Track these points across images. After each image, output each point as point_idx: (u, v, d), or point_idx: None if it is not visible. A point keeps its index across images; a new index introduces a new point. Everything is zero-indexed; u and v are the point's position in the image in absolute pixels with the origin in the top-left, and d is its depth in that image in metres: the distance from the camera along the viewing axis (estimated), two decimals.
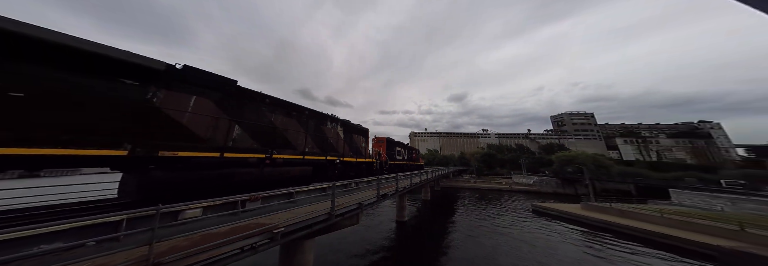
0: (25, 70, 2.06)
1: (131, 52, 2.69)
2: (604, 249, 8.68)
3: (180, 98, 3.11)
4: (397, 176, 6.62)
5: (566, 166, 29.99)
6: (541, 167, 37.07)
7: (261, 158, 4.16)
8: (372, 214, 14.23)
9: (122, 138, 2.59)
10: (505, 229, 11.15)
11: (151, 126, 2.84)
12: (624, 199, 17.09)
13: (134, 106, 2.71)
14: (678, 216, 10.73)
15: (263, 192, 3.68)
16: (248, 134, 4.02)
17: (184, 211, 2.70)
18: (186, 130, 3.17)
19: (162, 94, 2.93)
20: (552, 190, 27.99)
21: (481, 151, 49.98)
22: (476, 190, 28.80)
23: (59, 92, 2.22)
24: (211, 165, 3.49)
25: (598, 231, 11.20)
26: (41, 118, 2.13)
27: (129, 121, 2.67)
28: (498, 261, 7.39)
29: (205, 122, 3.39)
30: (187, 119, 3.18)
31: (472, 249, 8.74)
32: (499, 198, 22.42)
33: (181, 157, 3.08)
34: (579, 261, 7.41)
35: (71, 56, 2.29)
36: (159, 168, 2.94)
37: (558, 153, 36.05)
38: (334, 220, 3.78)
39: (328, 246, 8.67)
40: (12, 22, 1.99)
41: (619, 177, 27.67)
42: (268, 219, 3.12)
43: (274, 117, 4.63)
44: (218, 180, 3.55)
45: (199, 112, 3.33)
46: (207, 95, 3.43)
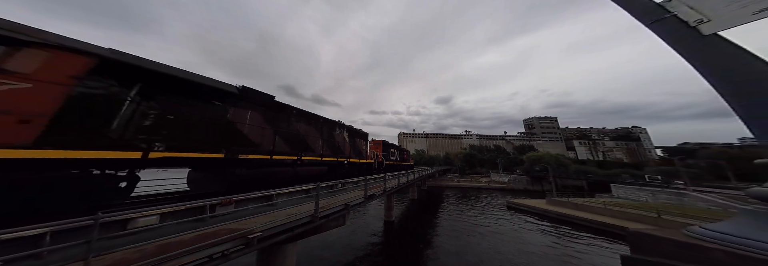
0: (173, 100, 3.05)
1: (216, 79, 3.63)
2: (562, 240, 9.81)
3: (243, 113, 4.05)
4: (384, 176, 6.52)
5: (535, 165, 32.65)
6: (515, 166, 39.57)
7: (294, 159, 5.19)
8: (360, 214, 14.08)
9: (220, 145, 3.59)
10: (484, 227, 11.95)
11: (231, 136, 3.81)
12: (578, 194, 19.44)
13: (221, 121, 3.70)
14: (616, 207, 12.45)
15: (237, 195, 3.44)
16: (284, 140, 4.98)
17: (136, 219, 2.35)
18: (248, 138, 4.10)
19: (232, 111, 3.88)
20: (523, 187, 30.47)
21: (464, 152, 51.91)
22: (459, 189, 29.89)
23: (190, 114, 3.24)
24: (265, 164, 4.45)
25: (559, 223, 12.49)
26: (183, 132, 3.12)
27: (221, 132, 3.66)
28: (478, 255, 7.97)
29: (257, 131, 4.32)
30: (247, 129, 4.10)
31: (456, 245, 9.16)
32: (479, 196, 23.58)
33: (251, 159, 4.06)
34: (545, 253, 8.34)
35: (193, 88, 3.31)
36: (240, 166, 3.99)
37: (528, 153, 39.15)
38: (319, 222, 3.63)
39: (314, 248, 8.47)
40: (168, 67, 2.98)
41: (575, 174, 31.16)
42: (242, 224, 2.87)
43: (299, 125, 5.62)
44: (268, 177, 4.50)
45: (254, 124, 4.28)
46: (256, 109, 4.37)
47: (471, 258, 7.79)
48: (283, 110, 5.09)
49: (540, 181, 30.31)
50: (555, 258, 8.06)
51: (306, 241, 4.92)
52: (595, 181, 27.56)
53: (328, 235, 8.64)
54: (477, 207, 17.96)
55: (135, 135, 2.60)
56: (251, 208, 3.48)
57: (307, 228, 3.48)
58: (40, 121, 1.93)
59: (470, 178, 37.31)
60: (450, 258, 7.90)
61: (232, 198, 3.27)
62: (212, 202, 3.00)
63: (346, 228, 10.49)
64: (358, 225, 12.10)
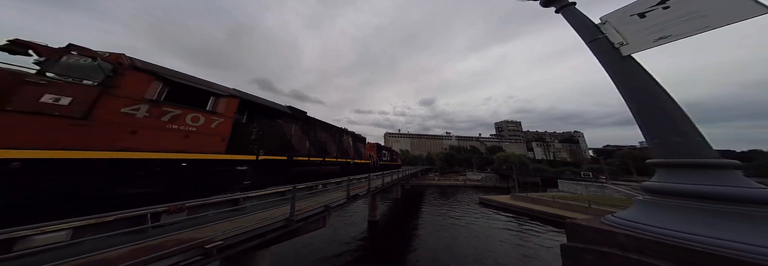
0: (262, 121, 4.46)
1: (279, 104, 5.16)
2: (523, 230, 11.07)
3: (291, 127, 5.42)
4: (369, 176, 6.44)
5: (502, 165, 36.16)
6: (487, 165, 43.07)
7: (320, 160, 6.58)
8: (348, 214, 13.73)
9: (284, 151, 4.91)
10: (460, 220, 12.83)
11: (288, 144, 5.13)
12: (535, 189, 22.44)
13: (283, 134, 5.05)
14: (561, 200, 14.64)
15: (192, 201, 2.73)
16: (313, 146, 6.36)
17: (29, 237, 1.66)
18: (295, 145, 5.43)
19: (286, 126, 5.21)
20: (493, 184, 32.92)
21: (444, 152, 54.32)
22: (439, 187, 31.19)
23: (270, 130, 4.58)
24: (306, 164, 5.84)
25: (520, 215, 13.92)
26: (269, 142, 4.45)
27: (284, 142, 4.98)
28: (456, 249, 8.56)
29: (299, 140, 5.67)
30: (294, 139, 5.44)
31: (436, 240, 9.54)
32: (456, 193, 25.01)
33: (299, 160, 5.45)
34: (508, 240, 9.46)
35: (269, 111, 4.69)
36: (294, 166, 5.27)
37: (498, 153, 43.17)
38: (295, 226, 3.25)
39: (293, 251, 8.03)
40: (258, 98, 4.44)
41: (533, 172, 35.29)
42: (199, 232, 2.34)
43: (321, 134, 7.05)
44: (309, 173, 5.88)
45: (297, 134, 5.62)
46: (297, 123, 5.73)
47: (447, 253, 8.17)
48: (311, 122, 6.55)
49: (506, 179, 33.03)
50: (515, 245, 9.09)
51: (284, 243, 4.67)
52: (547, 178, 31.43)
53: (309, 237, 8.46)
54: (454, 204, 18.87)
55: (252, 146, 4.05)
56: (212, 214, 2.95)
57: (281, 233, 3.07)
58: (226, 139, 3.37)
59: (449, 177, 39.11)
60: (430, 253, 8.18)
61: (185, 205, 2.62)
62: (154, 210, 2.41)
63: (329, 229, 10.47)
64: (341, 226, 11.75)
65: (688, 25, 1.04)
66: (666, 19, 1.10)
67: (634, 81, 1.08)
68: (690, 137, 0.90)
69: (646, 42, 1.11)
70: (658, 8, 1.13)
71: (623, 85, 1.12)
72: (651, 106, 1.02)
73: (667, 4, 1.11)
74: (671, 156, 0.93)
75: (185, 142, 2.95)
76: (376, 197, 12.74)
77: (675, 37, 1.06)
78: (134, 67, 2.61)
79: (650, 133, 1.00)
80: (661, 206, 0.88)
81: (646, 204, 0.92)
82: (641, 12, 1.17)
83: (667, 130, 0.95)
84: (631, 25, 1.18)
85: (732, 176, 0.80)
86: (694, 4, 1.05)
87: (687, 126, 0.92)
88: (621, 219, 0.90)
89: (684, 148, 0.90)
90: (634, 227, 0.85)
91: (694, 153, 0.88)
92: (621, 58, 1.15)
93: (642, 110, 1.03)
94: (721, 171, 0.82)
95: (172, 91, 2.90)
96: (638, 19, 1.19)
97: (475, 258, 8.03)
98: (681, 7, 1.08)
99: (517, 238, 10.17)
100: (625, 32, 1.19)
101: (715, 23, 0.95)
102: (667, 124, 0.95)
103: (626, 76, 1.12)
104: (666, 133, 0.95)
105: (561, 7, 1.38)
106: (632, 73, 1.11)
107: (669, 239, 0.75)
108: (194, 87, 3.15)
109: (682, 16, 1.06)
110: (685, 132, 0.91)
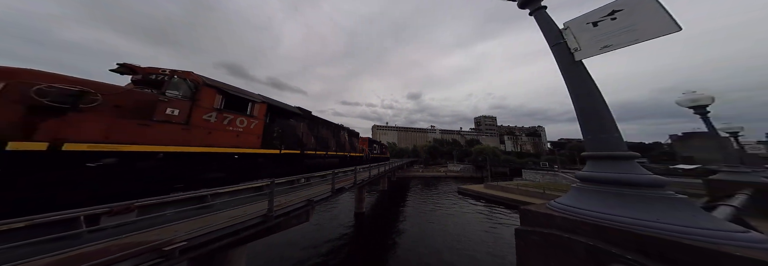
0: (281, 121, 5.31)
1: (293, 106, 6.36)
2: (493, 214, 12.48)
3: (301, 125, 6.30)
4: (355, 169, 6.33)
5: (479, 156, 39.30)
6: (465, 157, 46.18)
7: (323, 154, 7.51)
8: (332, 208, 13.90)
9: (298, 146, 5.98)
10: (441, 210, 13.83)
11: (300, 140, 6.14)
12: (504, 179, 24.78)
13: (296, 131, 6.00)
14: (524, 187, 16.52)
15: (144, 200, 2.34)
16: (317, 141, 7.23)
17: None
18: (304, 141, 6.36)
19: (297, 124, 6.12)
20: (470, 175, 35.72)
21: (428, 145, 57.10)
22: (423, 178, 32.85)
23: (286, 128, 5.51)
24: (314, 157, 6.89)
25: (492, 203, 15.48)
26: (287, 138, 5.37)
27: (296, 138, 5.99)
28: (436, 237, 9.25)
29: (306, 136, 6.57)
30: (303, 135, 6.36)
31: (419, 229, 10.17)
32: (438, 184, 26.71)
33: (307, 154, 6.45)
34: (480, 222, 10.72)
35: (285, 112, 5.59)
36: (305, 159, 6.43)
37: (475, 146, 46.96)
38: (274, 222, 3.13)
39: (274, 245, 7.93)
40: (278, 102, 5.41)
41: (504, 163, 39.27)
42: (152, 234, 2.03)
43: (323, 130, 7.93)
44: (314, 165, 6.83)
45: (305, 131, 6.48)
46: (304, 121, 6.55)
47: (429, 240, 8.88)
48: (315, 120, 7.47)
49: (481, 169, 36.26)
50: (487, 229, 10.22)
51: (264, 238, 4.61)
52: (514, 168, 35.13)
53: (292, 231, 8.37)
54: (436, 194, 20.23)
55: (276, 142, 4.89)
56: (171, 214, 2.60)
57: (258, 230, 2.93)
58: (260, 137, 4.33)
59: (432, 169, 40.96)
60: (413, 243, 8.71)
61: (134, 204, 2.25)
62: (90, 212, 1.96)
63: (315, 222, 10.56)
64: (327, 219, 11.88)
65: (625, 36, 1.18)
66: (611, 30, 1.23)
67: (581, 85, 1.22)
68: (611, 134, 1.08)
69: (594, 49, 1.24)
70: (608, 19, 1.24)
71: (572, 88, 1.26)
72: (590, 107, 1.17)
73: (615, 16, 1.23)
74: (596, 150, 1.11)
75: (237, 140, 3.91)
76: (363, 189, 12.97)
77: (614, 46, 1.20)
78: (206, 84, 3.50)
79: (585, 130, 1.16)
80: (587, 192, 1.06)
81: (578, 190, 1.10)
82: (595, 21, 1.28)
83: (596, 127, 1.11)
84: (586, 32, 1.29)
85: (632, 165, 0.98)
86: (631, 19, 1.18)
87: (610, 124, 1.09)
88: (559, 203, 1.06)
89: (606, 143, 1.08)
90: (568, 210, 1.01)
91: (612, 147, 1.06)
92: (574, 63, 1.27)
93: (582, 111, 1.18)
94: (626, 162, 1.02)
95: (227, 101, 3.82)
96: (592, 28, 1.30)
97: (453, 243, 8.85)
98: (624, 20, 1.20)
99: (489, 222, 11.44)
100: (580, 39, 1.31)
101: (643, 37, 1.11)
102: (597, 123, 1.12)
103: (575, 80, 1.25)
104: (595, 130, 1.11)
105: (534, 10, 1.43)
106: (581, 77, 1.24)
107: (590, 219, 0.92)
108: (240, 97, 4.09)
109: (622, 28, 1.20)
110: (608, 129, 1.09)
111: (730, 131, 5.43)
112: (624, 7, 1.19)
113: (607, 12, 1.23)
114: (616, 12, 1.20)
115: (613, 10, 1.20)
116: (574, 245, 0.86)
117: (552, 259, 0.93)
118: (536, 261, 0.99)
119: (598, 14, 1.26)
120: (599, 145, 1.07)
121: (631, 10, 1.15)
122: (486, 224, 11.34)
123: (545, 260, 0.96)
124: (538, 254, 0.98)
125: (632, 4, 1.15)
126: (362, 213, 12.94)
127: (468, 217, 12.61)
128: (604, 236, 0.85)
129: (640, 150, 19.15)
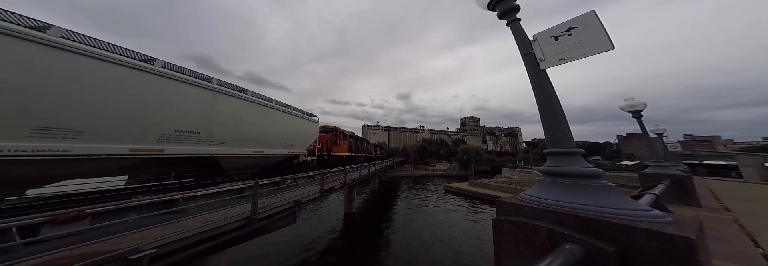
0: (349, 139, 13.80)
1: (352, 132, 15.29)
2: (476, 211, 13.37)
3: (353, 140, 14.22)
4: (345, 168, 6.30)
5: (464, 155, 41.30)
6: (452, 156, 47.89)
7: (362, 155, 15.17)
8: (321, 209, 13.51)
9: (353, 151, 13.94)
10: (429, 207, 14.41)
11: (354, 148, 14.21)
12: (486, 176, 26.67)
13: (355, 144, 14.83)
14: (503, 184, 18.41)
15: (100, 206, 2.17)
16: (358, 148, 14.95)
17: None
18: (354, 148, 14.24)
19: (350, 139, 13.57)
20: (456, 173, 37.52)
21: (418, 144, 58.33)
22: (412, 177, 33.72)
23: (353, 143, 14.14)
24: (358, 156, 14.64)
25: (475, 199, 16.49)
26: (353, 148, 13.73)
27: (356, 147, 14.62)
28: (426, 232, 9.67)
29: (355, 145, 14.40)
30: (352, 145, 13.76)
31: (409, 227, 10.47)
32: (426, 183, 27.51)
33: (357, 155, 14.75)
34: (464, 218, 11.45)
35: (351, 135, 14.28)
36: (356, 157, 14.53)
37: (461, 146, 48.71)
38: (258, 225, 2.94)
39: (259, 248, 7.56)
40: (349, 132, 14.99)
41: (486, 161, 41.95)
42: (112, 243, 1.79)
43: (357, 141, 14.93)
44: (358, 162, 13.59)
45: (356, 143, 14.66)
46: (352, 138, 14.02)
47: (418, 237, 9.20)
48: (354, 137, 13.97)
49: (466, 168, 38.17)
50: (469, 223, 10.96)
51: (240, 247, 4.21)
52: (495, 166, 37.77)
53: (278, 234, 8.02)
54: (424, 192, 20.85)
55: (351, 150, 12.93)
56: (135, 220, 2.32)
57: (240, 234, 2.75)
58: (348, 149, 12.49)
59: (421, 168, 41.79)
60: (403, 239, 8.93)
61: (85, 211, 1.99)
62: (26, 223, 1.79)
63: (304, 223, 10.26)
64: (316, 220, 11.59)
65: (577, 51, 1.38)
66: (567, 44, 1.42)
67: (544, 91, 1.39)
68: (564, 133, 1.26)
69: (554, 60, 1.42)
70: (566, 34, 1.43)
71: (538, 93, 1.42)
72: (549, 110, 1.34)
73: (571, 32, 1.42)
74: (554, 147, 1.28)
75: (345, 149, 11.71)
76: (353, 190, 12.89)
77: (569, 59, 1.40)
78: (344, 134, 12.22)
79: (546, 130, 1.34)
80: (548, 183, 1.22)
81: (542, 182, 1.26)
82: (557, 35, 1.46)
83: (554, 128, 1.29)
84: (550, 45, 1.47)
85: (578, 160, 1.18)
86: (582, 36, 1.39)
87: (564, 125, 1.28)
88: (527, 195, 1.20)
89: (560, 141, 1.25)
90: (533, 200, 1.15)
91: (565, 145, 1.24)
92: (539, 72, 1.44)
93: (544, 113, 1.35)
94: (574, 157, 1.21)
95: (345, 136, 12.40)
96: (554, 41, 1.49)
97: (442, 238, 9.25)
98: (577, 36, 1.40)
99: (473, 219, 12.25)
100: (544, 50, 1.48)
101: (588, 52, 1.31)
102: (555, 124, 1.29)
103: (540, 86, 1.43)
104: (554, 130, 1.29)
105: (510, 21, 1.58)
106: (544, 84, 1.42)
107: (548, 206, 1.06)
108: (346, 134, 12.35)
109: (576, 43, 1.39)
110: (563, 130, 1.27)
111: (657, 132, 6.55)
112: (577, 25, 1.40)
113: (565, 28, 1.43)
114: (571, 29, 1.40)
115: (569, 27, 1.40)
116: (538, 230, 0.99)
117: (521, 243, 1.05)
118: (509, 246, 1.11)
119: (559, 29, 1.45)
120: (556, 143, 1.24)
121: (582, 29, 1.36)
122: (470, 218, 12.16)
123: (516, 244, 1.08)
124: (510, 240, 1.10)
125: (584, 23, 1.37)
126: (352, 213, 12.82)
127: (454, 214, 13.17)
128: (560, 220, 0.99)
129: (595, 149, 22.68)
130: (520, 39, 1.63)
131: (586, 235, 0.86)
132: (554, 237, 0.91)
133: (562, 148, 1.18)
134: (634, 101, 3.97)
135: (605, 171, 1.14)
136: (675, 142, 9.65)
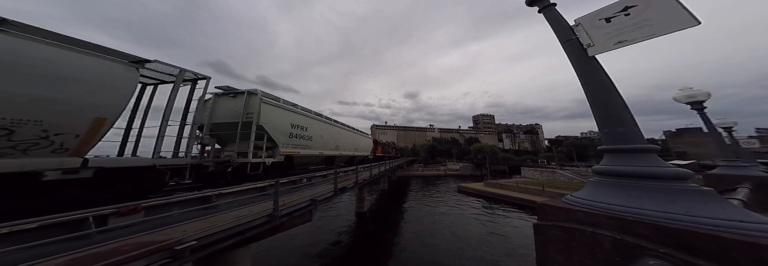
0: (377, 144, 21.16)
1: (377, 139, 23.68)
2: (494, 212, 12.59)
3: (381, 144, 22.92)
4: (356, 168, 6.46)
5: (478, 154, 39.67)
6: (464, 155, 46.44)
7: (387, 156, 23.03)
8: (334, 208, 13.87)
9: (383, 153, 22.01)
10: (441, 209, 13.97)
11: (382, 150, 22.56)
12: (503, 176, 25.20)
13: (382, 146, 23.49)
14: (523, 185, 16.58)
15: (151, 200, 2.60)
16: (383, 150, 21.87)
17: None
18: (383, 150, 22.83)
19: (378, 143, 21.33)
20: (469, 173, 36.15)
21: (427, 144, 56.66)
22: (423, 177, 33.05)
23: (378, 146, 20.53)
24: (384, 158, 21.05)
25: (491, 201, 15.64)
26: (381, 150, 22.11)
27: (381, 150, 22.14)
28: (437, 233, 9.42)
29: (382, 148, 21.98)
30: (381, 148, 21.32)
31: (420, 228, 10.25)
32: (437, 183, 26.83)
33: (384, 155, 22.30)
34: (482, 223, 10.73)
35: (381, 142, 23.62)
36: (385, 158, 21.46)
37: (474, 144, 46.99)
38: (279, 221, 3.14)
39: (277, 244, 7.92)
40: (378, 140, 25.76)
41: (502, 161, 39.56)
42: (162, 234, 2.11)
43: (383, 146, 22.93)
44: (385, 161, 17.28)
45: (381, 146, 21.69)
46: (381, 144, 22.07)
47: (430, 240, 8.91)
48: (382, 143, 21.31)
49: (480, 167, 36.61)
50: (488, 226, 10.32)
51: (260, 244, 4.58)
52: (513, 166, 35.31)
53: (294, 231, 8.42)
54: (436, 192, 20.34)
55: (383, 152, 21.68)
56: (177, 214, 2.69)
57: (264, 230, 2.96)
58: (381, 150, 20.96)
59: (432, 167, 40.86)
60: (415, 242, 8.71)
61: (141, 205, 2.42)
62: (99, 213, 2.14)
63: (317, 222, 10.46)
64: (329, 218, 11.90)
65: (640, 31, 1.18)
66: (625, 25, 1.22)
67: (596, 80, 1.21)
68: (630, 127, 1.08)
69: (608, 45, 1.24)
70: (622, 15, 1.23)
71: (587, 83, 1.25)
72: (606, 101, 1.16)
73: (629, 12, 1.22)
74: (614, 144, 1.10)
75: (380, 152, 19.80)
76: (364, 189, 13.13)
77: (629, 41, 1.20)
78: (376, 141, 18.87)
79: (602, 125, 1.16)
80: (606, 185, 1.06)
81: (595, 184, 1.09)
82: (608, 17, 1.27)
83: (614, 121, 1.11)
84: (599, 28, 1.28)
85: (652, 158, 1.00)
86: (647, 14, 1.17)
87: (629, 119, 1.09)
88: (578, 197, 1.06)
89: (625, 137, 1.08)
90: (587, 204, 1.01)
91: (631, 140, 1.06)
92: (588, 59, 1.26)
93: (599, 105, 1.18)
94: (647, 155, 1.02)
95: (380, 144, 21.01)
96: (605, 24, 1.29)
97: (455, 241, 8.90)
98: (638, 15, 1.20)
99: (490, 221, 11.56)
100: (592, 35, 1.30)
101: (659, 31, 1.10)
102: (615, 116, 1.11)
103: (590, 76, 1.25)
104: (613, 124, 1.11)
105: (544, 7, 1.42)
106: (595, 72, 1.24)
107: (611, 212, 0.91)
108: (378, 142, 19.67)
109: (637, 23, 1.19)
110: (627, 123, 1.09)
111: (724, 126, 5.45)
112: (637, 2, 1.19)
113: (620, 8, 1.23)
114: (629, 8, 1.20)
115: (626, 6, 1.20)
116: (600, 238, 0.85)
117: (575, 253, 0.92)
118: (557, 255, 0.99)
119: (611, 10, 1.25)
120: (617, 139, 1.07)
121: (645, 7, 1.15)
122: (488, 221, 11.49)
123: (567, 254, 0.95)
124: (559, 248, 0.98)
125: (647, 0, 1.15)
126: (363, 213, 12.98)
127: (467, 216, 12.69)
128: (631, 229, 0.84)
129: None
130: (558, 25, 1.44)
131: (676, 250, 0.71)
132: (625, 248, 0.78)
133: (627, 144, 1.01)
134: (693, 91, 3.37)
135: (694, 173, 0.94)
136: (748, 138, 7.89)
